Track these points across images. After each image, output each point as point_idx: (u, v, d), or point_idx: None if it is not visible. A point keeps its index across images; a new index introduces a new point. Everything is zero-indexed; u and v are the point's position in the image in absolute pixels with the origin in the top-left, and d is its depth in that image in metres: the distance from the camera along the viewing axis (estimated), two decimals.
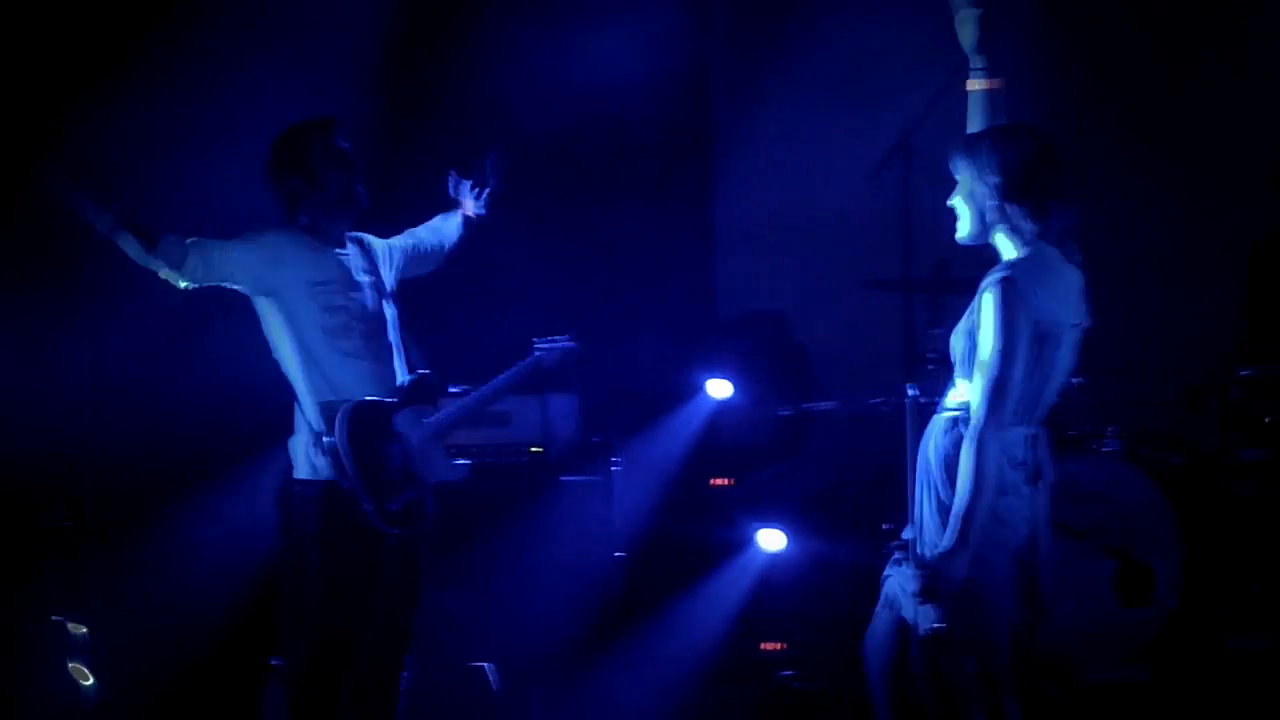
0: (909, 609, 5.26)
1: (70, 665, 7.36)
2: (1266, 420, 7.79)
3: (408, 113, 8.53)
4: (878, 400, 7.96)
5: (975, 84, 5.47)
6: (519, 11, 8.81)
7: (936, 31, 5.91)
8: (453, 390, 6.74)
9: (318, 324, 6.12)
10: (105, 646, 7.52)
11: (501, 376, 6.51)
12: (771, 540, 8.38)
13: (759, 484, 8.83)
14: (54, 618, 7.44)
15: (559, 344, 6.60)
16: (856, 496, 8.39)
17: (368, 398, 6.14)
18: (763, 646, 8.30)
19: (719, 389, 8.66)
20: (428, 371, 6.36)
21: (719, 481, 8.78)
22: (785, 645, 8.26)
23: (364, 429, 6.08)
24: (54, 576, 7.62)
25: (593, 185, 8.95)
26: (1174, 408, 8.19)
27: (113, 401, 8.02)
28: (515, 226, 8.51)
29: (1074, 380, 7.43)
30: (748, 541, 8.39)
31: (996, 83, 5.47)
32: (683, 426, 8.62)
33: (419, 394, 6.31)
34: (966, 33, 5.46)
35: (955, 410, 5.23)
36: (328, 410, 6.09)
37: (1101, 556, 7.60)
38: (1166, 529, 7.64)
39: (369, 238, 6.41)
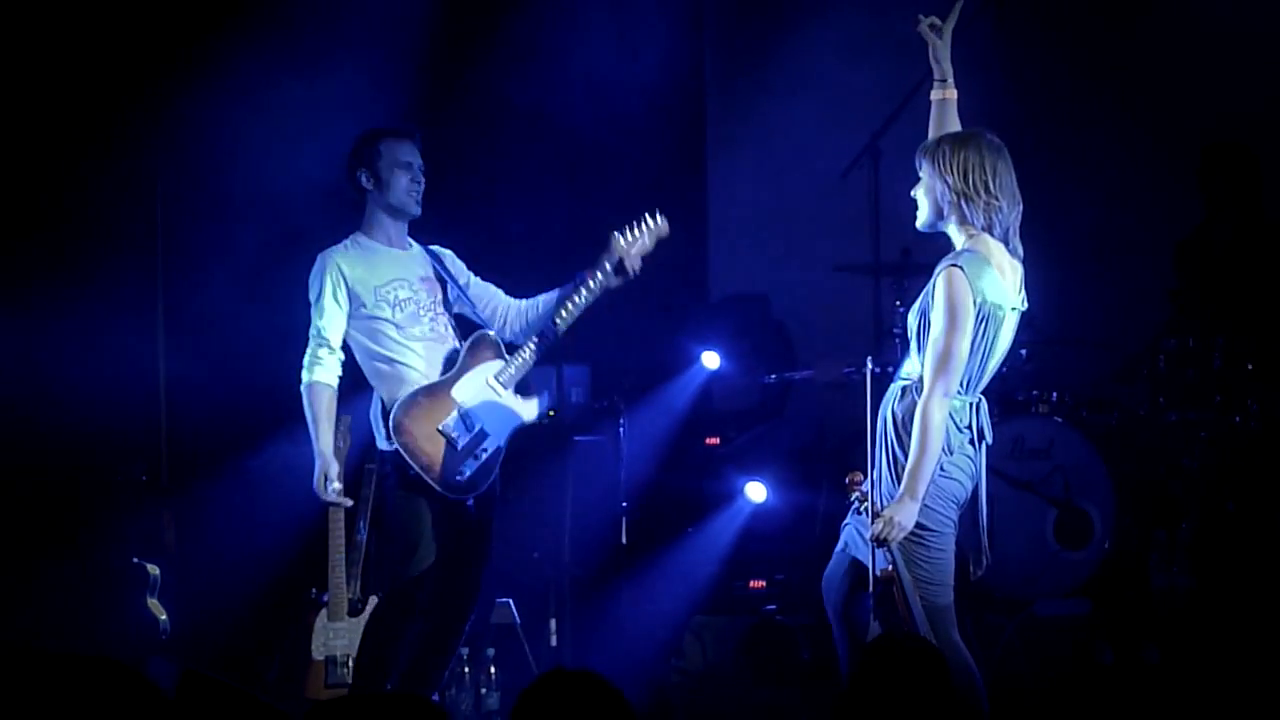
0: (864, 552, 5.49)
1: (149, 601, 7.71)
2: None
3: (422, 112, 8.41)
4: (850, 369, 8.04)
5: (936, 94, 5.75)
6: (527, 15, 8.90)
7: (901, 49, 6.36)
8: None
9: (388, 319, 6.27)
10: (176, 585, 7.83)
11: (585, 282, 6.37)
12: (757, 492, 8.65)
13: (746, 443, 9.03)
14: (134, 560, 7.73)
15: (641, 226, 6.42)
16: (831, 453, 8.59)
17: (420, 384, 6.17)
18: (750, 584, 8.60)
19: (711, 360, 8.94)
20: (485, 331, 6.36)
21: (711, 440, 9.03)
22: (768, 583, 8.54)
23: (420, 416, 6.15)
24: (133, 524, 7.84)
25: (596, 184, 9.02)
26: (1109, 376, 8.39)
27: (185, 365, 8.27)
28: (525, 220, 8.91)
29: (1021, 352, 7.92)
30: (736, 493, 8.67)
31: (952, 93, 5.73)
32: (679, 393, 8.87)
33: (478, 354, 6.32)
34: (932, 47, 5.74)
35: (908, 379, 5.47)
36: (392, 394, 6.19)
37: (1045, 505, 7.88)
38: (1102, 481, 7.91)
39: (449, 253, 6.47)
